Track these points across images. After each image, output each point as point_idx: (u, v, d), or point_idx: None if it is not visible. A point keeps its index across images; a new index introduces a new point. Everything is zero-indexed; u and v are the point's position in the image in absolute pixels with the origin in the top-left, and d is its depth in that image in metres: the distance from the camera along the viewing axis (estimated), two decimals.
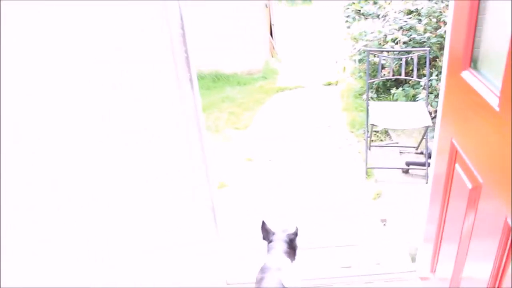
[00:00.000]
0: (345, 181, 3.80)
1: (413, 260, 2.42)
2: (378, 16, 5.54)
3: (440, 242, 1.87)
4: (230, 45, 6.77)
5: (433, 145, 1.97)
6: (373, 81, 4.75)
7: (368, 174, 3.83)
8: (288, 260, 1.91)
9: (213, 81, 6.68)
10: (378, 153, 4.24)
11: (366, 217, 3.17)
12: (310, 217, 3.21)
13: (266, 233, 2.02)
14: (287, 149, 4.45)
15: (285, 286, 1.76)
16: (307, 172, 3.99)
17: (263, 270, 1.86)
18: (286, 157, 4.31)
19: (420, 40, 4.58)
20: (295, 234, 1.98)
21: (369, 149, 4.28)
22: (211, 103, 5.69)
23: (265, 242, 2.03)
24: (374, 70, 4.57)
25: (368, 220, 3.14)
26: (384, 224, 3.22)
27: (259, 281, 1.81)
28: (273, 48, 8.02)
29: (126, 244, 1.69)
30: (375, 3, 5.94)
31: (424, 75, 4.07)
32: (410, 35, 4.67)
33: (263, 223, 2.02)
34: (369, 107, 3.99)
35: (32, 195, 1.11)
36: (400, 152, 4.25)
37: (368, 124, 3.97)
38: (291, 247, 1.96)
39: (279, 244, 1.95)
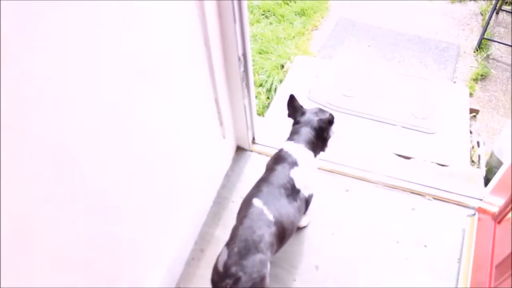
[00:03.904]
0: (442, 53, 2.98)
1: (487, 182, 1.85)
2: None
3: None
4: None
5: None
6: None
7: (480, 47, 2.95)
8: (311, 153, 1.51)
9: None
10: (507, 22, 3.20)
11: (449, 103, 2.50)
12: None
13: (293, 111, 1.58)
14: None
15: (296, 186, 1.41)
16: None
17: (276, 159, 1.50)
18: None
19: None
20: (329, 121, 1.53)
21: (497, 13, 3.25)
22: None
23: (291, 122, 1.61)
24: None
25: (452, 107, 2.48)
26: (475, 116, 2.55)
27: (269, 170, 1.48)
28: None
29: None
30: None
31: None
32: None
33: (292, 97, 1.57)
34: None
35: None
36: None
37: None
38: (320, 136, 1.54)
39: (306, 130, 1.53)
